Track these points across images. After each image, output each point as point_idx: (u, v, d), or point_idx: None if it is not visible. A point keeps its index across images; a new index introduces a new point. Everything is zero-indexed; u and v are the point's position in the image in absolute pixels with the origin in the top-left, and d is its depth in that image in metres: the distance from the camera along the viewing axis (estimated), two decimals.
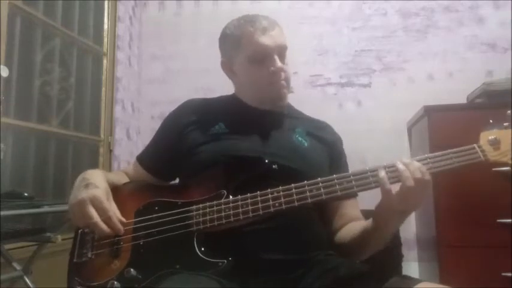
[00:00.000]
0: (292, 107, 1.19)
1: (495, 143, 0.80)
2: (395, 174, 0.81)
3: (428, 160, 0.81)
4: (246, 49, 1.04)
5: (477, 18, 2.45)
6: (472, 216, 1.76)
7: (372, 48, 2.55)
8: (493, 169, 1.71)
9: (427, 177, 0.79)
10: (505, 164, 0.80)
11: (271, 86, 1.04)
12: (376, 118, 2.46)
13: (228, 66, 1.13)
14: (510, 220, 1.72)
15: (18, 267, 1.50)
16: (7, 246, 1.51)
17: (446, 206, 1.77)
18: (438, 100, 2.01)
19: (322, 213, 1.05)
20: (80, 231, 0.94)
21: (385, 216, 0.86)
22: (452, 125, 1.81)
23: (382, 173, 0.80)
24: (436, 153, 0.81)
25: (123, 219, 0.91)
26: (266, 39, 1.02)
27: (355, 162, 1.13)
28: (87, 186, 0.90)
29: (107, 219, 0.88)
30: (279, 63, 1.02)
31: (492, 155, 0.80)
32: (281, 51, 1.05)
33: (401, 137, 2.43)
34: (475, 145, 0.81)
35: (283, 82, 1.05)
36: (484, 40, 2.42)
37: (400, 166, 0.80)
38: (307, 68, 2.56)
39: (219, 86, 1.30)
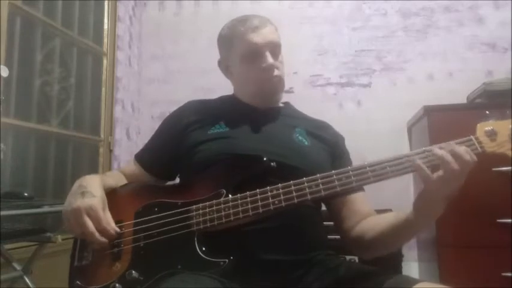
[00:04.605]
0: (292, 106, 1.20)
1: (492, 134, 0.80)
2: (427, 160, 0.78)
3: (426, 153, 0.80)
4: (238, 48, 1.06)
5: (477, 18, 2.45)
6: (472, 216, 1.76)
7: (372, 48, 2.55)
8: (493, 169, 1.71)
9: (474, 158, 0.76)
10: (501, 155, 0.79)
11: (263, 82, 1.06)
12: (376, 118, 2.46)
13: (224, 66, 1.15)
14: (510, 220, 1.73)
15: (18, 267, 1.50)
16: (7, 246, 1.50)
17: (446, 206, 1.77)
18: (438, 100, 2.01)
19: (331, 211, 1.05)
20: None
21: (429, 204, 0.81)
22: (452, 125, 1.80)
23: (418, 160, 0.78)
24: (433, 146, 0.80)
25: (118, 230, 0.90)
26: (256, 37, 1.04)
27: (355, 162, 1.12)
28: (83, 194, 0.90)
29: (102, 230, 0.88)
30: (270, 60, 1.04)
31: (489, 146, 0.79)
32: (273, 48, 1.06)
33: (401, 137, 2.43)
34: (471, 136, 0.80)
35: (275, 78, 1.06)
36: (484, 40, 2.42)
37: (438, 151, 0.77)
38: (307, 68, 2.56)
39: (219, 86, 1.30)
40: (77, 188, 0.93)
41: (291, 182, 0.84)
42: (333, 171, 0.83)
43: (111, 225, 0.90)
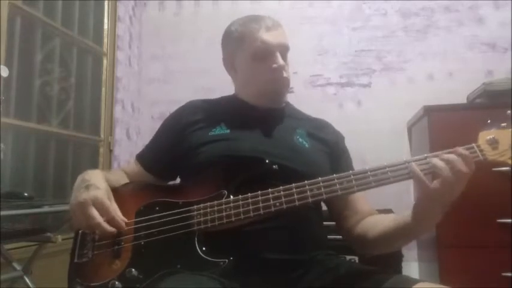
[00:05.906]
0: (292, 106, 1.20)
1: (493, 143, 0.81)
2: (427, 166, 0.79)
3: (428, 160, 0.80)
4: (250, 45, 1.06)
5: (477, 18, 2.45)
6: (472, 216, 1.76)
7: (372, 48, 2.55)
8: (493, 169, 1.71)
9: (472, 167, 0.77)
10: (503, 164, 0.80)
11: (271, 82, 1.06)
12: (376, 118, 2.46)
13: (229, 63, 1.14)
14: (510, 220, 1.73)
15: (18, 267, 1.50)
16: (7, 246, 1.50)
17: (445, 211, 1.77)
18: (438, 100, 2.01)
19: (332, 211, 1.06)
20: (80, 231, 0.94)
21: (427, 210, 0.81)
22: (452, 125, 1.81)
23: (414, 165, 0.79)
24: (435, 153, 0.81)
25: (125, 219, 0.91)
26: (269, 37, 1.05)
27: (355, 162, 1.13)
28: (87, 187, 0.90)
29: (110, 220, 0.88)
30: (281, 61, 1.05)
31: (490, 155, 0.81)
32: (283, 50, 1.07)
33: (401, 137, 2.43)
34: (473, 145, 0.81)
35: (283, 79, 1.07)
36: (484, 40, 2.42)
37: (434, 159, 0.79)
38: (307, 68, 2.56)
39: (219, 86, 1.30)
40: (80, 182, 0.93)
41: (293, 184, 0.84)
42: (335, 175, 0.84)
43: (118, 215, 0.90)
